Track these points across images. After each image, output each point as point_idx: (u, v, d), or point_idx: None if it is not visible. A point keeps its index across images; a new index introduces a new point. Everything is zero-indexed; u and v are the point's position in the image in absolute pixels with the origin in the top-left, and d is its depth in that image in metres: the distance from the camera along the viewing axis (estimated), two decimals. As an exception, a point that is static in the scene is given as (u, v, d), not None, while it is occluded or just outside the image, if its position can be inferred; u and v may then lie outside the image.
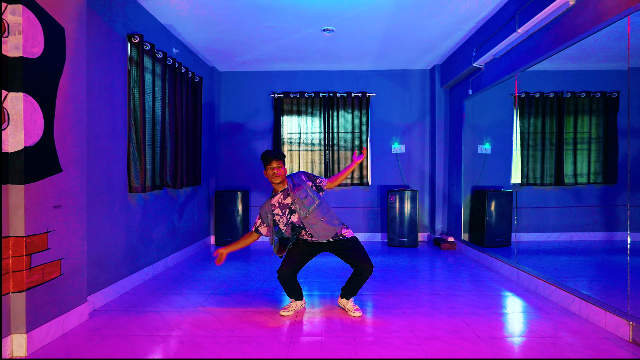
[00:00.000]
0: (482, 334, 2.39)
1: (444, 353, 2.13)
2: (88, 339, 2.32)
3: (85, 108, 2.61)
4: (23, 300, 2.11)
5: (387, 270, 3.99)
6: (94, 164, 2.84)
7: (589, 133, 3.92)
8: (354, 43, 4.60)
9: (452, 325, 2.52)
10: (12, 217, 2.09)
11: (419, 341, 2.29)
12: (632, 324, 2.26)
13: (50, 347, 2.21)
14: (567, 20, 2.85)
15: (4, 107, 2.06)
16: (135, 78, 3.36)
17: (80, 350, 2.16)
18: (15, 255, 2.09)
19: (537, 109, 4.17)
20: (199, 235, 5.11)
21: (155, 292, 3.24)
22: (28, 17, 2.14)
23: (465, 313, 2.75)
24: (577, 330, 2.46)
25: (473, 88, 4.61)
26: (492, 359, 2.05)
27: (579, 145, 3.92)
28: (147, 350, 2.16)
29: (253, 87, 5.75)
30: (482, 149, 4.99)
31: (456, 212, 5.21)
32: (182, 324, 2.55)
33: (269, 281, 3.57)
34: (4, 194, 2.07)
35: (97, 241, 2.89)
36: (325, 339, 2.33)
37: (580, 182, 3.85)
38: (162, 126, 3.80)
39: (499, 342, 2.28)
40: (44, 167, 2.25)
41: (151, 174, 3.60)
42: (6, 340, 2.07)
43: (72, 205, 2.47)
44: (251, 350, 2.17)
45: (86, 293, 2.64)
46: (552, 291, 3.03)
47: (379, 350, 2.18)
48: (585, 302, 2.65)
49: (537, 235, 4.13)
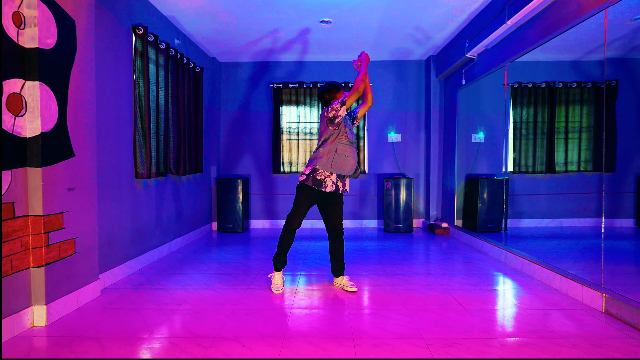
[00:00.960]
0: (468, 306, 2.58)
1: (431, 323, 2.31)
2: (102, 312, 2.49)
3: (94, 96, 2.76)
4: (42, 275, 2.28)
5: (381, 253, 4.18)
6: (103, 150, 3.00)
7: (580, 122, 4.07)
8: (351, 34, 4.73)
9: (440, 300, 2.71)
10: (31, 198, 2.25)
11: (409, 312, 2.47)
12: (605, 295, 2.45)
13: (68, 318, 2.39)
14: (552, 13, 2.99)
15: (22, 95, 2.21)
16: (140, 68, 3.50)
17: (95, 321, 2.34)
18: (34, 233, 2.26)
19: (530, 98, 4.31)
20: (201, 222, 5.28)
21: (161, 272, 3.42)
22: (42, 10, 2.27)
23: (454, 289, 2.93)
24: (556, 302, 2.64)
25: (466, 78, 4.76)
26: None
27: (570, 134, 4.06)
28: (158, 321, 2.34)
29: (253, 77, 5.88)
30: (476, 138, 5.14)
31: (450, 199, 5.39)
32: (188, 299, 2.73)
33: (269, 262, 3.75)
34: (23, 176, 2.22)
35: (107, 223, 3.05)
36: (322, 312, 2.51)
37: (570, 169, 4.01)
38: (165, 115, 3.94)
39: (483, 313, 2.46)
40: (58, 152, 2.40)
41: (156, 161, 3.75)
42: (27, 311, 2.24)
43: (84, 188, 2.63)
44: (253, 320, 2.35)
45: (98, 271, 2.82)
46: (535, 269, 3.21)
47: (371, 320, 2.36)
48: (565, 279, 2.84)
49: (529, 221, 4.30)
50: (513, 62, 3.75)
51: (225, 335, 2.15)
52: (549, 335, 2.13)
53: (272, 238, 5.06)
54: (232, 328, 2.25)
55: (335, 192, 2.86)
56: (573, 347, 2.00)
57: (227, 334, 2.16)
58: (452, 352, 1.94)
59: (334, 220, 2.93)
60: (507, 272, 3.42)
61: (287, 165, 5.85)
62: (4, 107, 2.09)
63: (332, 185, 2.79)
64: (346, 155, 2.77)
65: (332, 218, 2.92)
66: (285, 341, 2.08)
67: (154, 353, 1.95)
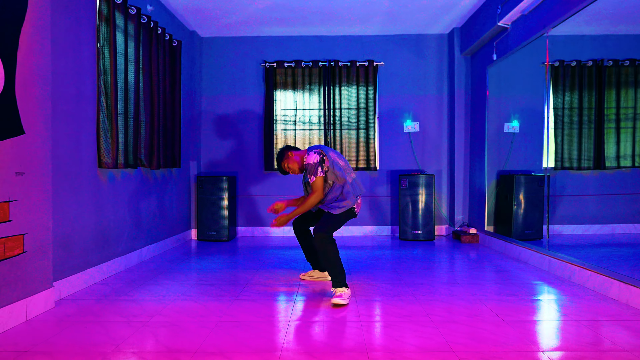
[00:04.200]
0: (507, 318, 2.51)
1: (462, 335, 2.24)
2: (56, 325, 2.42)
3: (49, 63, 2.71)
4: (-17, 276, 2.21)
5: (398, 262, 4.12)
6: (59, 130, 2.94)
7: (635, 108, 4.03)
8: (359, 1, 4.71)
9: (472, 311, 2.64)
10: (-30, 181, 2.19)
11: (435, 324, 2.40)
12: (677, 302, 2.38)
13: (13, 332, 2.31)
14: (603, -36, 2.96)
15: (-40, 55, 2.16)
16: (105, 35, 3.47)
17: (47, 335, 2.27)
18: (-27, 225, 2.19)
19: (574, 80, 4.28)
20: (178, 228, 5.21)
21: (130, 283, 3.35)
22: (-13, -46, 2.24)
23: (489, 300, 2.86)
24: (615, 313, 2.57)
25: (498, 52, 4.74)
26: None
27: (622, 122, 4.02)
28: (125, 335, 2.27)
29: (240, 55, 5.87)
30: (509, 127, 5.10)
31: (479, 201, 5.33)
32: (162, 311, 2.65)
33: (261, 273, 3.68)
34: (-40, 154, 2.17)
35: (63, 220, 2.99)
36: (328, 323, 2.44)
37: (623, 165, 3.96)
38: (135, 94, 3.90)
39: (525, 324, 2.39)
40: (5, 126, 2.35)
41: (124, 149, 3.70)
42: (-36, 321, 2.17)
43: (35, 173, 2.57)
44: (243, 334, 2.28)
45: (52, 278, 2.74)
46: (588, 277, 3.15)
47: (389, 332, 2.29)
48: (625, 285, 2.77)
49: (574, 227, 4.24)
50: (552, 35, 3.72)
51: (208, 350, 2.07)
52: (609, 349, 2.06)
53: (264, 247, 4.99)
54: (216, 342, 2.17)
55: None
56: None
57: (211, 348, 2.09)
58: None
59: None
60: (551, 282, 3.36)
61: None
62: (-61, 68, 2.05)
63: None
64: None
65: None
66: (284, 354, 2.01)
67: (119, 369, 1.87)
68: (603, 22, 3.67)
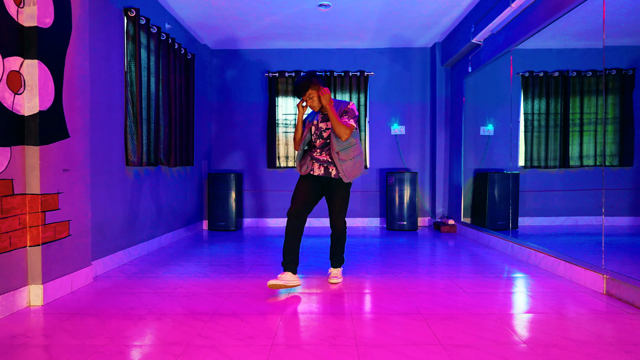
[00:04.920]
0: (468, 290, 2.84)
1: (429, 302, 2.57)
2: (96, 295, 2.74)
3: (88, 78, 3.03)
4: (39, 254, 2.53)
5: (384, 248, 4.44)
6: (95, 134, 3.26)
7: (596, 114, 4.33)
8: (351, 19, 5.03)
9: (441, 285, 2.97)
10: (29, 176, 2.51)
11: (409, 295, 2.73)
12: (606, 276, 2.71)
13: (63, 300, 2.64)
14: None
15: (21, 73, 2.48)
16: (132, 52, 3.78)
17: (91, 302, 2.59)
18: (31, 212, 2.51)
19: (541, 88, 4.57)
20: (192, 219, 5.53)
21: (153, 264, 3.67)
22: (41, -10, 2.55)
23: (456, 277, 3.20)
24: (558, 286, 2.91)
25: (473, 65, 5.05)
26: (473, 305, 2.49)
27: (586, 126, 4.32)
28: (154, 302, 2.60)
29: (246, 66, 6.17)
30: (484, 131, 5.41)
31: (457, 195, 5.66)
32: (184, 285, 2.98)
33: (265, 256, 4.00)
34: (21, 154, 2.49)
35: (98, 209, 3.31)
36: (321, 295, 2.77)
37: (586, 164, 4.26)
38: (156, 102, 4.22)
39: (483, 295, 2.72)
40: (54, 132, 2.67)
41: (147, 149, 4.02)
42: (24, 290, 2.49)
43: (78, 170, 2.89)
44: (251, 302, 2.61)
45: (91, 257, 3.07)
46: (541, 259, 3.48)
47: (372, 300, 2.62)
48: (568, 264, 3.10)
49: (542, 219, 4.54)
50: (522, 48, 4.04)
51: (223, 312, 2.40)
52: (546, 311, 2.40)
53: (267, 236, 5.31)
54: (229, 307, 2.50)
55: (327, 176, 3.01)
56: (568, 320, 2.26)
57: (225, 312, 2.42)
58: (449, 324, 2.20)
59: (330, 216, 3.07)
60: (512, 263, 3.69)
61: (282, 160, 6.12)
62: (5, 85, 2.36)
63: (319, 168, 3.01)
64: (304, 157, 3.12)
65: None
66: (284, 316, 2.34)
67: (153, 326, 2.20)
68: (567, 38, 3.95)
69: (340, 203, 3.00)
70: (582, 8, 3.18)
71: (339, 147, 2.89)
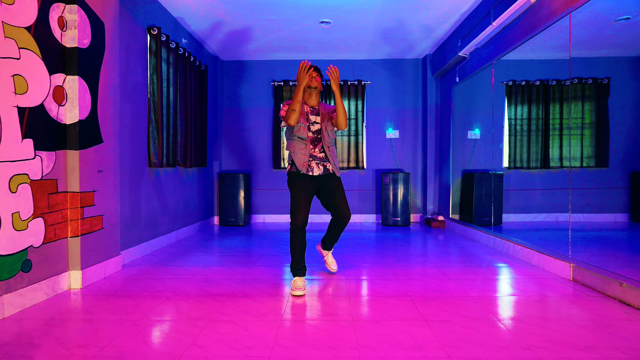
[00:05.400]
0: (452, 276, 3.08)
1: (416, 286, 2.81)
2: (126, 280, 2.99)
3: (118, 90, 3.27)
4: (78, 244, 2.78)
5: (379, 241, 4.68)
6: (123, 139, 3.51)
7: (575, 119, 4.56)
8: (349, 34, 5.26)
9: (429, 273, 3.21)
10: (70, 176, 2.76)
11: (399, 281, 2.97)
12: (572, 265, 2.95)
13: (98, 284, 2.88)
14: (529, 16, 3.52)
15: (63, 88, 2.72)
16: (154, 66, 4.02)
17: (122, 286, 2.84)
18: (72, 207, 2.76)
19: (523, 96, 4.81)
20: (205, 214, 5.78)
21: (173, 254, 3.91)
22: (81, 15, 2.80)
23: (441, 265, 3.44)
24: (532, 274, 3.15)
25: (460, 75, 5.29)
26: (455, 289, 2.73)
27: (565, 130, 4.54)
28: (177, 285, 2.84)
29: (254, 75, 6.41)
30: (471, 135, 5.65)
31: (446, 194, 5.89)
32: (201, 272, 3.23)
33: (272, 248, 4.25)
34: (63, 157, 2.73)
35: (125, 205, 3.55)
36: (323, 281, 3.01)
37: (565, 165, 4.48)
38: (174, 110, 4.46)
39: (463, 281, 2.96)
40: (91, 137, 2.91)
41: (166, 152, 4.26)
42: (65, 275, 2.74)
43: (110, 170, 3.14)
44: (262, 286, 2.85)
45: (119, 247, 3.31)
46: (518, 250, 3.72)
47: (368, 285, 2.86)
48: (542, 255, 3.34)
49: (524, 215, 4.77)
50: (506, 59, 4.26)
51: (238, 294, 2.65)
52: (518, 294, 2.64)
53: (274, 231, 5.55)
54: (243, 290, 2.75)
55: (326, 175, 2.94)
56: (537, 301, 2.50)
57: (240, 294, 2.66)
58: (433, 304, 2.44)
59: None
60: (494, 254, 3.93)
61: (287, 161, 6.36)
62: (51, 98, 2.61)
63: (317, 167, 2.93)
64: (293, 151, 2.95)
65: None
66: (290, 298, 2.58)
67: (179, 305, 2.44)
68: (548, 50, 4.17)
69: (343, 194, 2.98)
70: (556, 26, 3.39)
71: (329, 143, 2.94)
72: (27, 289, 2.40)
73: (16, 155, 2.33)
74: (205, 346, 1.88)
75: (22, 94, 2.38)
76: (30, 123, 2.44)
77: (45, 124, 2.56)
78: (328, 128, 2.97)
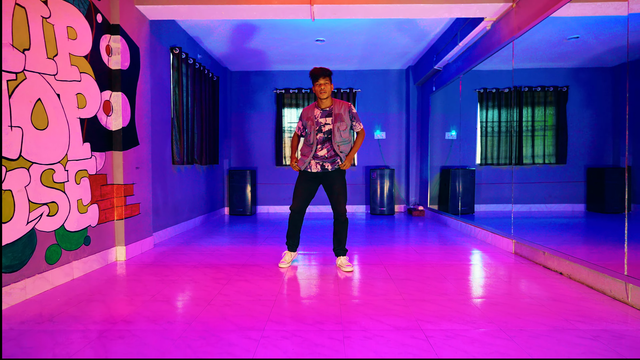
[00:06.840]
0: (420, 251, 3.63)
1: (390, 258, 3.37)
2: (159, 255, 3.54)
3: (150, 102, 3.81)
4: (122, 226, 3.33)
5: (367, 227, 5.23)
6: (153, 141, 4.05)
7: (538, 121, 5.07)
8: (341, 50, 5.79)
9: (402, 249, 3.76)
10: (115, 172, 3.30)
11: (378, 254, 3.52)
12: (514, 241, 3.51)
13: (138, 257, 3.43)
14: (486, 40, 4.06)
15: (110, 102, 3.26)
16: (176, 80, 4.56)
17: (157, 259, 3.39)
18: (117, 196, 3.31)
19: (494, 102, 5.32)
20: (217, 206, 6.33)
21: (193, 237, 4.46)
22: (122, 43, 3.33)
23: (415, 244, 3.99)
24: (485, 249, 3.71)
25: (436, 85, 5.82)
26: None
27: (537, 132, 5.03)
28: (200, 258, 3.39)
29: (259, 84, 6.95)
30: (449, 135, 6.17)
31: (425, 187, 6.44)
32: (219, 249, 3.78)
33: (275, 232, 4.79)
34: (110, 157, 3.27)
35: (155, 196, 4.10)
36: (318, 256, 3.56)
37: (537, 162, 4.96)
38: (192, 116, 5.00)
39: (429, 255, 3.52)
40: (130, 141, 3.45)
41: (186, 152, 4.80)
42: (113, 249, 3.29)
43: (144, 167, 3.68)
44: (268, 258, 3.40)
45: (152, 230, 3.86)
46: (478, 232, 4.27)
47: (351, 258, 3.42)
48: (494, 235, 3.90)
49: (495, 206, 5.27)
50: (478, 70, 4.74)
51: (249, 264, 3.20)
52: (469, 263, 3.19)
53: (277, 219, 6.10)
54: (254, 260, 3.30)
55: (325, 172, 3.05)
56: (482, 268, 3.05)
57: (251, 263, 3.21)
58: (400, 269, 3.00)
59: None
60: (459, 236, 4.48)
61: (288, 159, 6.90)
62: (101, 110, 3.15)
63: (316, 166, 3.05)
64: (302, 152, 3.14)
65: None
66: (289, 269, 3.14)
67: (204, 270, 2.99)
68: (516, 60, 4.67)
69: (340, 190, 3.01)
70: (517, 42, 3.85)
71: (339, 141, 2.98)
72: (87, 258, 2.95)
73: (80, 155, 2.87)
74: (228, 294, 2.43)
75: (82, 108, 2.92)
76: (88, 130, 2.98)
77: (97, 131, 3.10)
78: (341, 128, 2.96)
